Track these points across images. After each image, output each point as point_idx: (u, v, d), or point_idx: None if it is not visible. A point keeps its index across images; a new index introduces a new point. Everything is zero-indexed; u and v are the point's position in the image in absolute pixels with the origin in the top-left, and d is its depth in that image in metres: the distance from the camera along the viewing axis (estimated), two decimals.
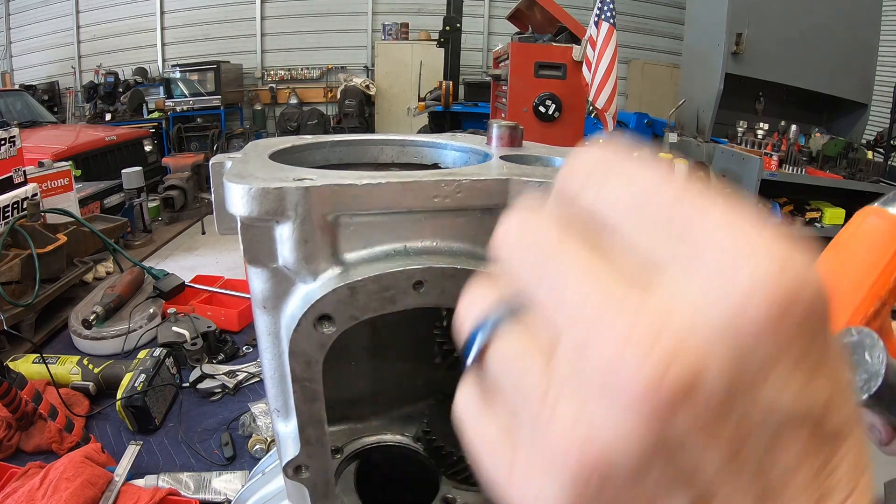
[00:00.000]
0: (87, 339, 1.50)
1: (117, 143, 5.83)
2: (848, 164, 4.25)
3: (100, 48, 8.71)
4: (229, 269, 4.19)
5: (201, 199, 5.95)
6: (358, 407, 0.60)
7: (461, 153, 0.49)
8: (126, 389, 1.20)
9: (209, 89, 7.84)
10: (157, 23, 8.62)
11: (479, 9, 8.30)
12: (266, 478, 0.57)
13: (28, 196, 1.79)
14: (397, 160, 0.51)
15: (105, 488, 0.96)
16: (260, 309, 0.36)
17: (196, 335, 1.48)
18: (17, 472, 1.00)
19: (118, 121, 7.52)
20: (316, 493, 0.41)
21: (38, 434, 1.15)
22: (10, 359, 1.37)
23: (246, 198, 0.31)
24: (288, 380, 0.36)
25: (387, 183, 0.32)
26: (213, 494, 1.03)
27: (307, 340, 0.34)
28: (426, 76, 6.99)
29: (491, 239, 0.22)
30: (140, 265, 1.82)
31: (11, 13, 8.77)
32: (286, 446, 0.39)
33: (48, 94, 8.39)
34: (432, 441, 0.54)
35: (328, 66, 8.73)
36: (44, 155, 3.67)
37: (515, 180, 0.34)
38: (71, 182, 2.30)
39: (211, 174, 0.42)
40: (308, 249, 0.32)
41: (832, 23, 4.16)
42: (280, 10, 8.59)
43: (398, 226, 0.34)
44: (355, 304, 0.33)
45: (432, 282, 0.33)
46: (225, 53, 8.45)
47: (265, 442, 1.16)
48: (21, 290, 1.54)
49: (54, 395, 1.21)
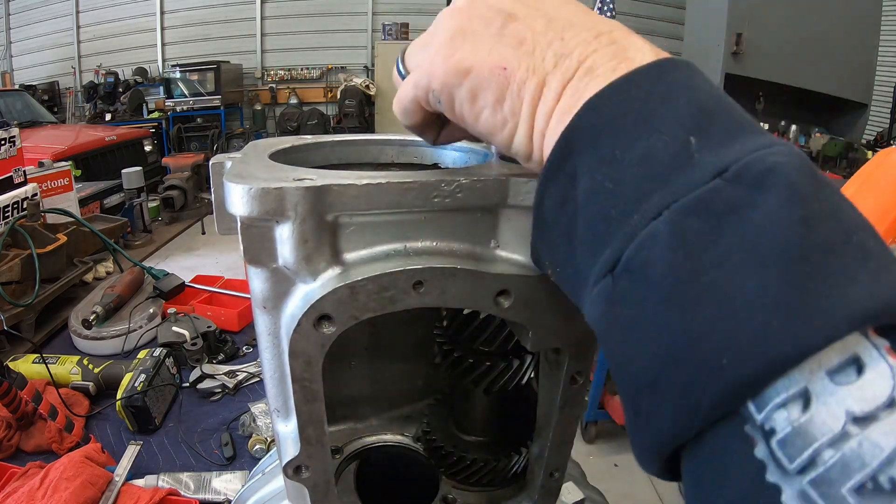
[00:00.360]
0: (87, 339, 1.50)
1: (117, 143, 5.83)
2: (848, 164, 4.25)
3: (100, 48, 8.71)
4: (229, 269, 4.19)
5: (201, 199, 5.96)
6: (358, 407, 0.60)
7: (461, 153, 0.49)
8: (126, 389, 1.20)
9: (209, 89, 7.84)
10: (157, 23, 8.61)
11: None
12: (266, 478, 0.57)
13: (28, 196, 1.79)
14: (397, 160, 0.51)
15: (105, 488, 0.96)
16: (260, 309, 0.36)
17: (196, 335, 1.48)
18: (17, 472, 1.00)
19: (118, 121, 7.52)
20: (316, 493, 0.41)
21: (38, 434, 1.15)
22: (10, 359, 1.37)
23: (246, 198, 0.31)
24: (288, 380, 0.36)
25: (387, 183, 0.32)
26: (213, 494, 1.03)
27: (307, 340, 0.34)
28: None
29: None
30: (140, 265, 1.82)
31: (11, 13, 8.77)
32: (286, 446, 0.39)
33: (48, 94, 8.39)
34: (432, 441, 0.54)
35: (328, 66, 8.73)
36: (44, 155, 3.67)
37: (515, 180, 0.34)
38: (71, 182, 2.30)
39: (211, 174, 0.42)
40: (308, 249, 0.32)
41: (832, 23, 4.16)
42: (280, 10, 8.59)
43: (398, 226, 0.34)
44: (355, 304, 0.33)
45: (432, 282, 0.33)
46: (225, 53, 8.45)
47: (265, 442, 1.16)
48: (21, 290, 1.53)
49: (54, 395, 1.21)
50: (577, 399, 0.42)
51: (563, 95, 0.28)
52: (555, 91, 0.28)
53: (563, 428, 0.43)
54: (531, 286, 0.35)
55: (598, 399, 2.81)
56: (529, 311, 0.36)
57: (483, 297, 0.35)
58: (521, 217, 0.35)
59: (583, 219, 0.26)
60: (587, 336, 0.38)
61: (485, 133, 0.31)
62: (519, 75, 0.29)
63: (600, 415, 2.85)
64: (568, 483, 0.53)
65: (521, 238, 0.36)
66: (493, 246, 0.36)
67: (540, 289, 0.35)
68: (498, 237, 0.36)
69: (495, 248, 0.36)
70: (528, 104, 0.29)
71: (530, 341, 0.37)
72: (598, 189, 0.25)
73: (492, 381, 0.46)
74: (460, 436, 0.55)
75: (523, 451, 0.50)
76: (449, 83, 0.31)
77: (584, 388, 0.41)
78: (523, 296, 0.35)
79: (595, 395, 2.80)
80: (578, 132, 0.26)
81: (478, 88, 0.30)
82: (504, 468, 0.51)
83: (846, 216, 0.22)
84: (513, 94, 0.29)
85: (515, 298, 0.35)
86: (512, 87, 0.29)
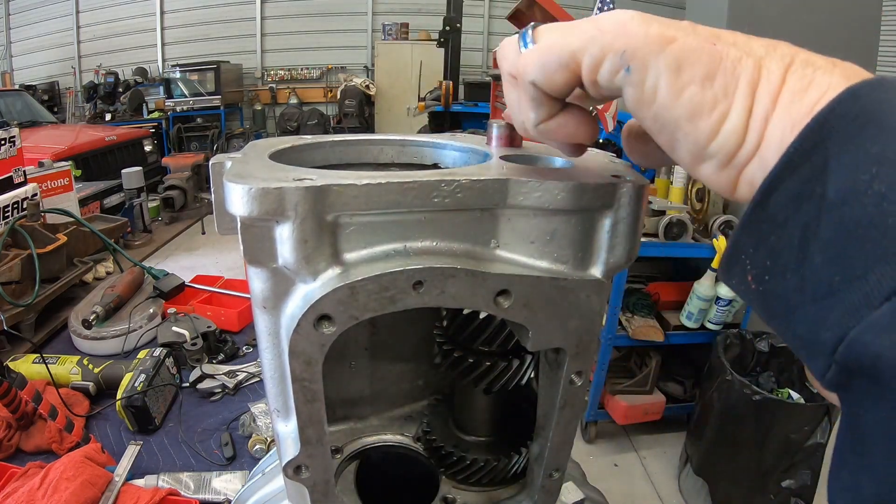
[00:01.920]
0: (87, 339, 1.50)
1: (117, 143, 5.83)
2: None
3: (100, 48, 8.71)
4: (229, 269, 4.19)
5: (201, 199, 5.96)
6: (358, 407, 0.60)
7: (461, 153, 0.49)
8: (126, 389, 1.20)
9: (209, 89, 7.84)
10: (157, 23, 8.61)
11: (479, 9, 8.30)
12: (266, 478, 0.57)
13: (28, 196, 1.79)
14: (397, 160, 0.51)
15: (105, 488, 0.96)
16: (260, 309, 0.35)
17: (196, 335, 1.48)
18: (17, 472, 1.00)
19: (118, 121, 7.52)
20: (316, 493, 0.41)
21: (38, 434, 1.15)
22: (10, 359, 1.37)
23: (246, 198, 0.31)
24: (288, 380, 0.36)
25: (387, 183, 0.32)
26: (213, 494, 1.03)
27: (307, 340, 0.34)
28: (426, 76, 6.98)
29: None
30: (140, 265, 1.82)
31: (11, 13, 8.77)
32: (286, 446, 0.39)
33: (48, 94, 8.39)
34: (432, 441, 0.54)
35: (328, 66, 8.73)
36: (44, 155, 3.67)
37: (515, 180, 0.34)
38: (71, 182, 2.30)
39: (211, 174, 0.42)
40: (308, 249, 0.32)
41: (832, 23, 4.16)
42: (280, 10, 8.59)
43: (398, 226, 0.34)
44: (355, 304, 0.33)
45: (432, 282, 0.33)
46: (225, 53, 8.45)
47: (265, 442, 1.16)
48: (21, 290, 1.54)
49: (54, 395, 1.21)
50: (577, 399, 0.42)
51: (786, 80, 0.25)
52: (777, 74, 0.25)
53: (563, 428, 0.43)
54: (531, 286, 0.35)
55: (598, 399, 2.81)
56: (529, 311, 0.36)
57: (483, 297, 0.35)
58: (521, 217, 0.35)
59: (833, 222, 0.22)
60: (587, 336, 0.38)
61: (684, 116, 0.26)
62: (732, 53, 0.26)
63: (600, 415, 2.85)
64: (568, 483, 0.53)
65: (521, 238, 0.36)
66: (493, 246, 0.36)
67: (540, 289, 0.35)
68: (498, 237, 0.36)
69: (495, 248, 0.36)
70: (745, 83, 0.25)
71: (530, 341, 0.37)
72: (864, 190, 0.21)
73: (492, 381, 0.46)
74: (460, 436, 0.55)
75: (523, 451, 0.50)
76: (647, 49, 0.26)
77: (584, 388, 0.41)
78: (523, 296, 0.35)
79: (595, 395, 2.80)
80: (839, 119, 0.22)
81: (684, 60, 0.26)
82: (504, 468, 0.51)
83: None
84: (726, 70, 0.26)
85: (515, 298, 0.35)
86: (725, 62, 0.26)
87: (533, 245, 0.36)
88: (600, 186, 0.35)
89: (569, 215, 0.35)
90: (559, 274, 0.36)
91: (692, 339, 2.68)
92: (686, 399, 2.82)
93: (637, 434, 2.95)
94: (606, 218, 0.36)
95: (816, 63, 0.25)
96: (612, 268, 0.37)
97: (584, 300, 0.37)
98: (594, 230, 0.36)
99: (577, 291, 0.36)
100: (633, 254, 0.37)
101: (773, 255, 0.24)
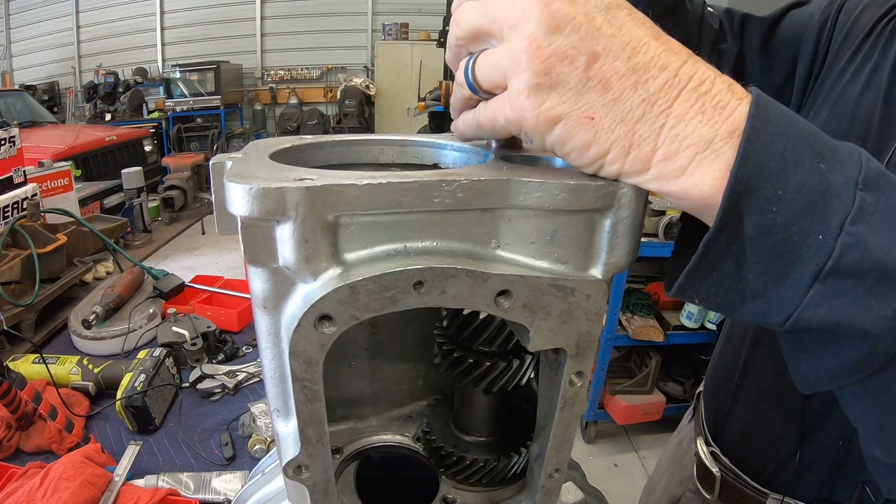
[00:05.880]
0: (86, 339, 1.50)
1: (117, 143, 5.83)
2: None
3: (100, 48, 8.72)
4: (229, 269, 4.20)
5: (201, 199, 5.96)
6: (358, 407, 0.60)
7: (461, 153, 0.49)
8: (126, 389, 1.20)
9: (209, 89, 7.84)
10: (157, 23, 8.62)
11: None
12: (266, 478, 0.57)
13: (28, 196, 1.79)
14: (397, 160, 0.51)
15: (105, 488, 0.96)
16: (260, 309, 0.35)
17: (196, 335, 1.48)
18: (17, 472, 1.00)
19: (118, 121, 7.52)
20: (316, 493, 0.41)
21: (38, 434, 1.15)
22: (10, 359, 1.37)
23: (246, 198, 0.31)
24: (288, 380, 0.36)
25: (387, 183, 0.32)
26: (213, 494, 1.03)
27: (307, 340, 0.34)
28: (426, 76, 6.99)
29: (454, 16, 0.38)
30: (140, 265, 1.82)
31: (11, 13, 8.77)
32: (286, 446, 0.39)
33: (48, 94, 8.39)
34: (432, 441, 0.54)
35: (328, 66, 8.74)
36: (44, 155, 3.68)
37: (515, 180, 0.34)
38: (71, 182, 2.29)
39: (211, 174, 0.42)
40: (308, 249, 0.32)
41: None
42: (280, 10, 8.59)
43: (398, 226, 0.34)
44: (356, 304, 0.33)
45: (432, 282, 0.33)
46: (225, 53, 8.46)
47: (265, 442, 1.16)
48: (21, 290, 1.53)
49: (54, 395, 1.21)
50: (577, 399, 0.42)
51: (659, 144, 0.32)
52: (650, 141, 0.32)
53: (563, 428, 0.43)
54: (532, 286, 0.35)
55: (598, 399, 2.81)
56: (529, 311, 0.36)
57: (483, 297, 0.34)
58: (522, 217, 0.35)
59: (756, 250, 0.31)
60: (587, 336, 0.38)
61: (577, 165, 0.36)
62: (606, 124, 0.33)
63: (600, 415, 2.85)
64: (568, 483, 0.53)
65: (521, 238, 0.36)
66: (494, 246, 0.36)
67: (540, 289, 0.35)
68: (498, 237, 0.36)
69: (496, 248, 0.36)
70: (617, 151, 0.33)
71: (530, 341, 0.37)
72: (770, 224, 0.31)
73: (492, 381, 0.46)
74: (460, 436, 0.55)
75: (523, 451, 0.50)
76: (540, 130, 0.34)
77: (583, 388, 0.41)
78: (523, 296, 0.35)
79: (595, 395, 2.80)
80: (742, 184, 0.30)
81: (566, 136, 0.34)
82: (504, 468, 0.51)
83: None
84: (600, 142, 0.33)
85: (515, 298, 0.35)
86: (599, 135, 0.33)
87: (533, 245, 0.36)
88: (601, 187, 0.35)
89: (569, 216, 0.35)
90: (560, 274, 0.36)
91: (692, 339, 2.68)
92: (686, 399, 2.82)
93: (637, 434, 2.95)
94: (607, 218, 0.36)
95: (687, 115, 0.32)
96: (612, 268, 0.37)
97: (585, 300, 0.37)
98: (595, 230, 0.36)
99: (578, 292, 0.36)
100: (634, 254, 0.37)
101: (715, 284, 0.33)
